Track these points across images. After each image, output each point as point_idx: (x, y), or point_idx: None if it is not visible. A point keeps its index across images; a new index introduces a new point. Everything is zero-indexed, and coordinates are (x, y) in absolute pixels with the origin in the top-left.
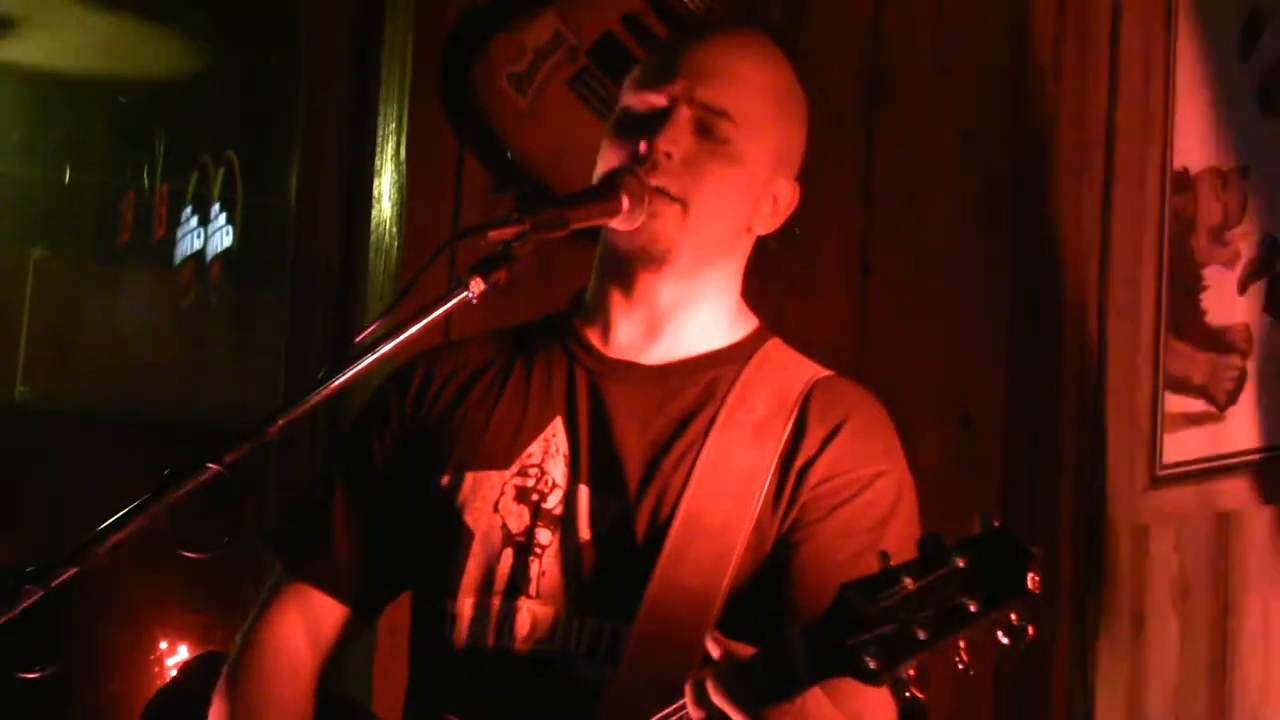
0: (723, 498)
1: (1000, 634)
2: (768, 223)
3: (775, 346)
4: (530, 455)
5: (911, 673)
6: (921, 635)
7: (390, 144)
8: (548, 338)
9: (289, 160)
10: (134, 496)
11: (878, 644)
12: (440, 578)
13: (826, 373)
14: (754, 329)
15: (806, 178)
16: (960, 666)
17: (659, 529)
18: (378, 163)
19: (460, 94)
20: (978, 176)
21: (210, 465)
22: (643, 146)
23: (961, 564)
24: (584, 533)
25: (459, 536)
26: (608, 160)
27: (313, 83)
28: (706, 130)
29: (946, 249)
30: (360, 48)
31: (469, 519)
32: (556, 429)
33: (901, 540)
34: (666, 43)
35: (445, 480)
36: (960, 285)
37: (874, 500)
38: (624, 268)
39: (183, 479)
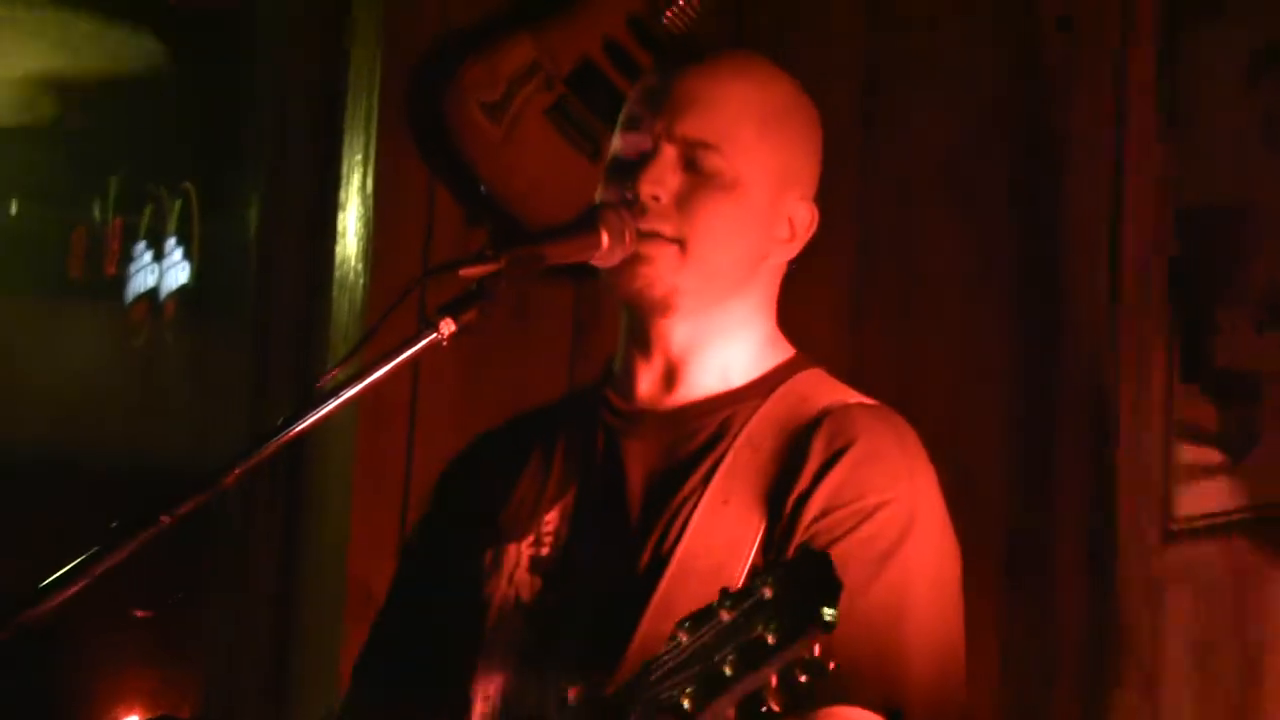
0: (717, 544)
1: (799, 672)
2: (787, 248)
3: (810, 378)
4: (547, 524)
5: (731, 714)
6: (728, 671)
7: (356, 175)
8: (580, 408)
9: (250, 192)
10: (79, 550)
11: (695, 682)
12: (456, 656)
13: (855, 400)
14: (785, 360)
15: None
16: (764, 709)
17: (650, 580)
18: (343, 195)
19: (431, 123)
20: (978, 202)
21: (162, 517)
22: (629, 193)
23: (769, 594)
24: (578, 590)
25: (478, 610)
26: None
27: (274, 110)
28: (694, 165)
29: (945, 283)
30: (325, 74)
31: (487, 593)
32: (572, 498)
33: (911, 576)
34: (647, 80)
35: (471, 560)
36: (959, 326)
37: (875, 533)
38: (636, 320)
39: (132, 532)
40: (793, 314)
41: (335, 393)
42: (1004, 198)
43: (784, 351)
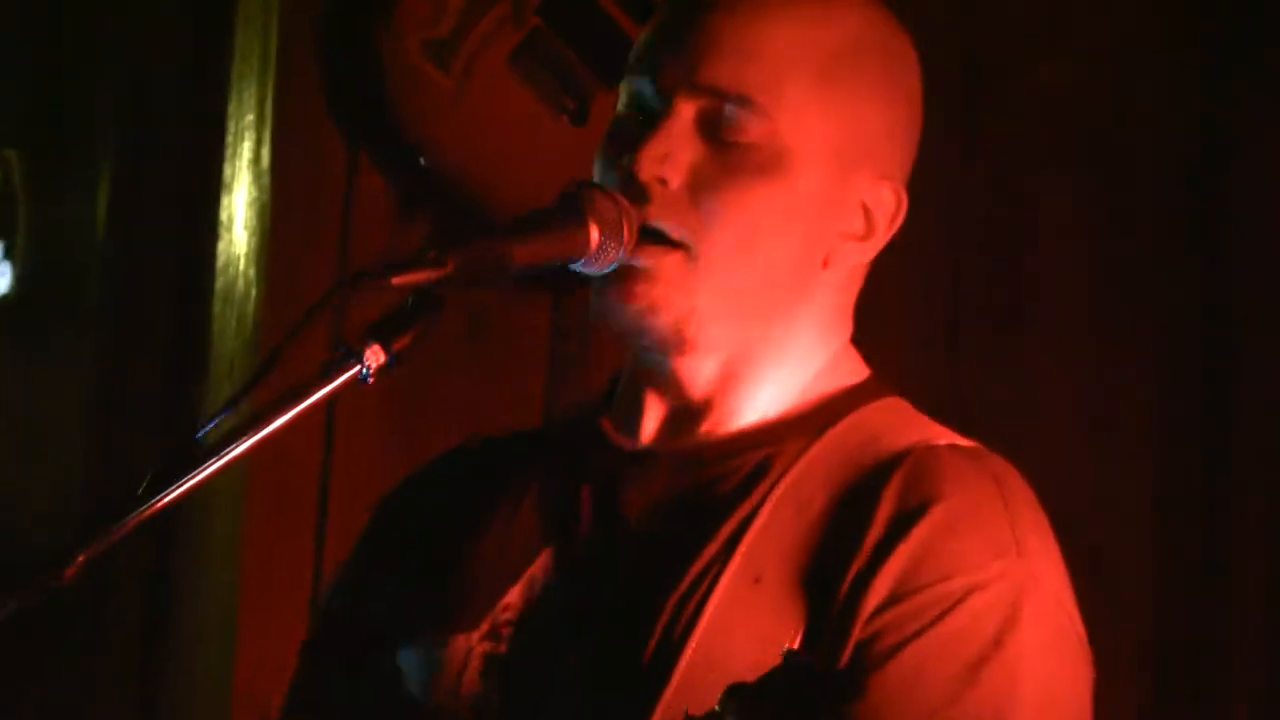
0: (744, 637)
1: None
2: (860, 247)
3: (886, 407)
4: (505, 610)
5: None
6: None
7: (246, 144)
8: (563, 441)
9: (97, 164)
10: None
11: None
12: None
13: (946, 440)
14: (850, 385)
15: None
16: None
17: (654, 682)
18: (227, 171)
19: (351, 70)
20: (1112, 197)
21: None
22: (625, 169)
23: None
24: (550, 703)
25: None
26: None
27: (130, 51)
28: (718, 131)
29: (1070, 305)
30: (204, 6)
31: (426, 706)
32: (546, 566)
33: (1017, 689)
34: (662, 11)
35: (398, 652)
36: (1087, 353)
37: (965, 628)
38: (644, 354)
39: None
40: (865, 335)
41: (219, 447)
42: (1149, 192)
43: (851, 375)
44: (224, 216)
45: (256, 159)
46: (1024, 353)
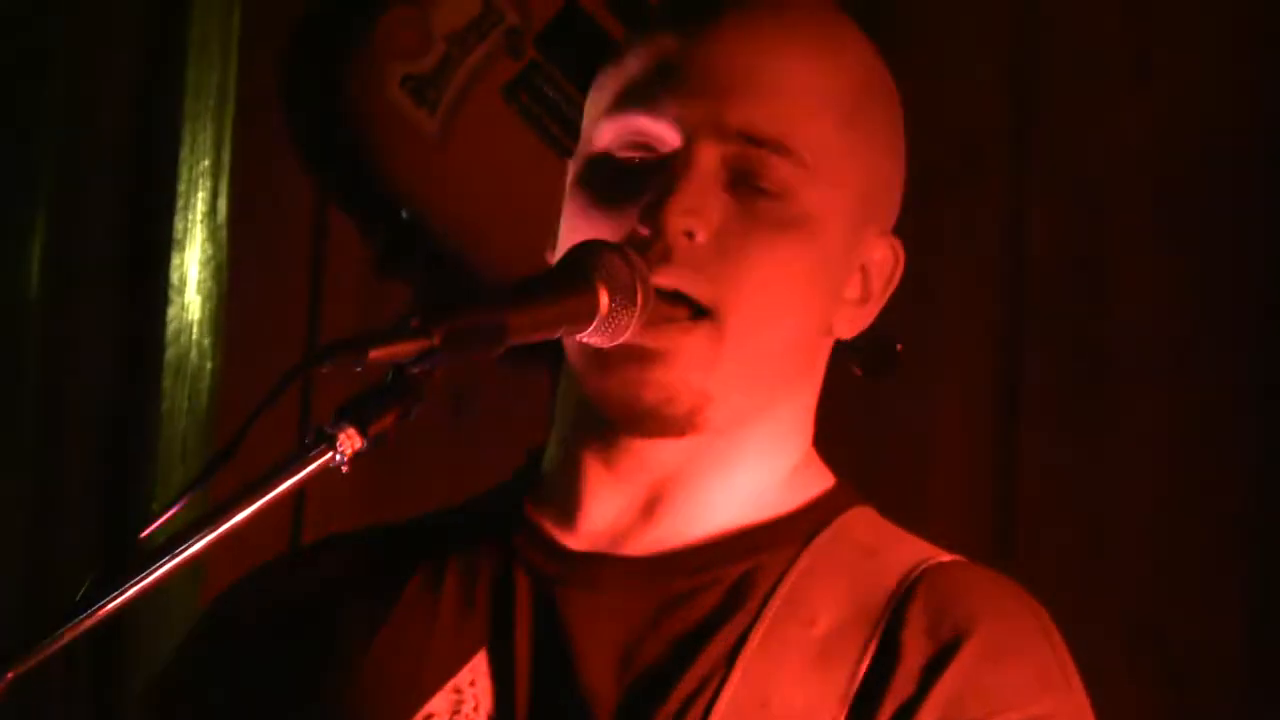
0: None
1: None
2: (855, 314)
3: (861, 517)
4: (431, 718)
5: None
6: None
7: (200, 194)
8: (478, 528)
9: (29, 216)
10: None
11: None
12: None
13: (945, 558)
14: (826, 489)
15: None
16: None
17: None
18: (179, 226)
19: (322, 110)
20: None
21: None
22: (643, 228)
23: None
24: None
25: None
26: (575, 238)
27: (68, 86)
28: (746, 178)
29: (1145, 361)
30: (151, 30)
31: None
32: (477, 672)
33: None
34: (660, 28)
35: None
36: (1166, 430)
37: None
38: (606, 424)
39: None
40: (906, 409)
41: (169, 547)
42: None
43: (821, 475)
44: (175, 278)
45: (212, 211)
46: (1095, 427)
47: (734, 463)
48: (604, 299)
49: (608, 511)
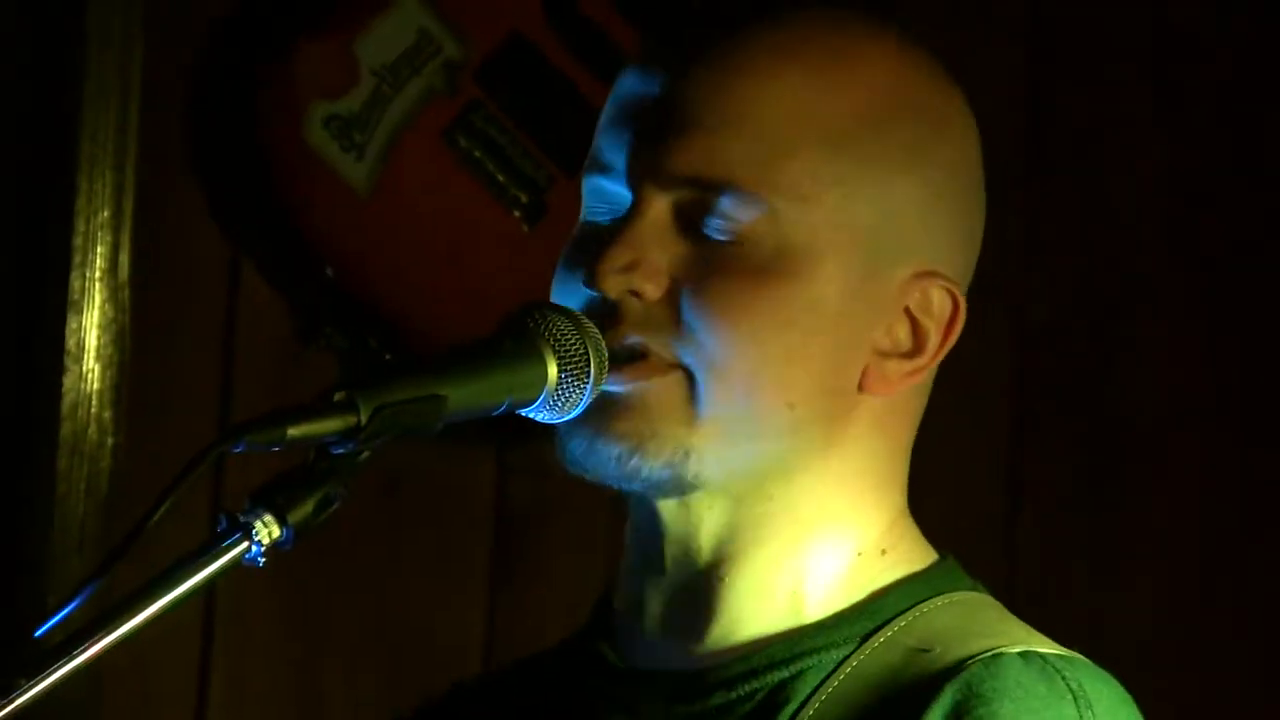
0: None
1: None
2: (901, 366)
3: (953, 606)
4: None
5: None
6: None
7: (99, 251)
8: (560, 671)
9: None
10: None
11: None
12: None
13: (1016, 648)
14: (901, 578)
15: None
16: None
17: None
18: (75, 286)
19: (234, 155)
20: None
21: None
22: (593, 290)
23: None
24: None
25: None
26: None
27: None
28: (701, 226)
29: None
30: (46, 66)
31: None
32: None
33: None
34: (628, 72)
35: None
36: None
37: None
38: (635, 514)
39: None
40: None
41: (64, 649)
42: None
43: (906, 563)
44: (71, 344)
45: (113, 269)
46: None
47: (769, 536)
48: (552, 369)
49: (661, 617)
